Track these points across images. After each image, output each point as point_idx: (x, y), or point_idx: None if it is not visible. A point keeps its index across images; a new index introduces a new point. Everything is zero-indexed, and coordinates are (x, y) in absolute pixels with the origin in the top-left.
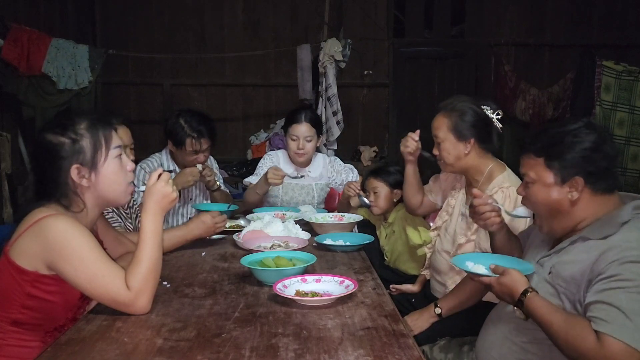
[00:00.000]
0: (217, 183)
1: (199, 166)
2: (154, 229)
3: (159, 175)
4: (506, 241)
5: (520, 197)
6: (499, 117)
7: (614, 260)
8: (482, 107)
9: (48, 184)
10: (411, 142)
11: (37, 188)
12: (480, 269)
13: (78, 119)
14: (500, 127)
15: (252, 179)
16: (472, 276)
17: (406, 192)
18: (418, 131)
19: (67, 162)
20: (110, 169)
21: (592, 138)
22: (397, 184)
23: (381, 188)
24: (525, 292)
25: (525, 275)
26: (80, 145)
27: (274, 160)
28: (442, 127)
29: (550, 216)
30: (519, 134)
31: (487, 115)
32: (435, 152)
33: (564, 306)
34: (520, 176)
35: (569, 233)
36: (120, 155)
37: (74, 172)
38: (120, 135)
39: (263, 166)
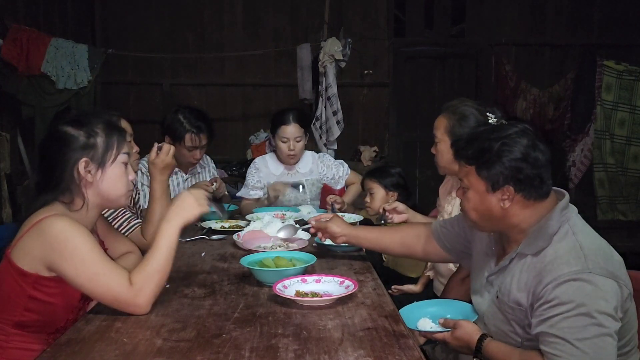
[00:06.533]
0: (225, 192)
1: (213, 185)
2: (170, 236)
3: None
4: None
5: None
6: None
7: (548, 282)
8: (487, 113)
9: (53, 176)
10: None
11: (40, 182)
12: (428, 322)
13: (95, 118)
14: None
15: (245, 193)
16: (424, 334)
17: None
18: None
19: (78, 154)
20: (116, 172)
21: (521, 147)
22: (394, 185)
23: (376, 190)
24: (481, 340)
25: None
26: (94, 141)
27: (259, 168)
28: (440, 128)
29: (483, 220)
30: None
31: (489, 123)
32: (433, 151)
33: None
34: None
35: (510, 243)
36: (126, 163)
37: (81, 164)
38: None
39: (250, 176)
